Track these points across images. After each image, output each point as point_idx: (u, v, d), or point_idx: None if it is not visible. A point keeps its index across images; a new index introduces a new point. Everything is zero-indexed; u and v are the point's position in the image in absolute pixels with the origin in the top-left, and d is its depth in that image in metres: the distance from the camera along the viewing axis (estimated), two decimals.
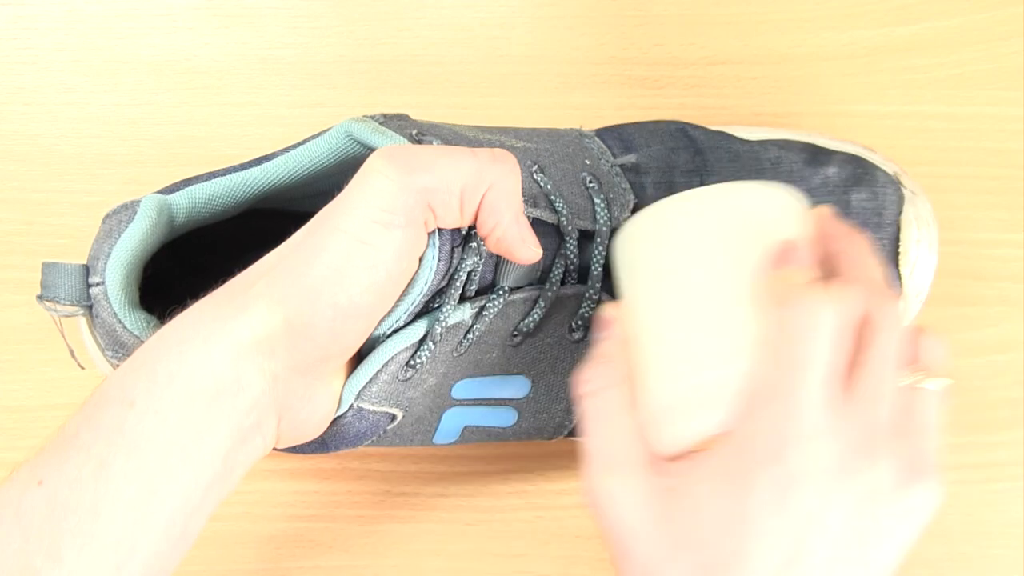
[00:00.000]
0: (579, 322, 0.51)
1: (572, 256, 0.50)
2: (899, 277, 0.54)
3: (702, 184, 0.54)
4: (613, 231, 0.51)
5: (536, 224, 0.48)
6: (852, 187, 0.54)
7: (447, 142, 0.49)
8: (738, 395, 0.41)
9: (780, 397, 0.39)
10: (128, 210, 0.48)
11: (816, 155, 0.55)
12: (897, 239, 0.54)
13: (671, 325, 0.43)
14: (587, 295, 0.50)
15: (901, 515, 0.41)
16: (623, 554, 0.42)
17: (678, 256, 0.43)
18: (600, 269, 0.50)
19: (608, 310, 0.46)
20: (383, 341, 0.46)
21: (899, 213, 0.54)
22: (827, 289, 0.40)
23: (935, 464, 0.42)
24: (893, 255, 0.54)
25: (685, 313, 0.43)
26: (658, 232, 0.44)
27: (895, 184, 0.55)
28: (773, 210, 0.44)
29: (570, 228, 0.49)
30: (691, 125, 0.56)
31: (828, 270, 0.44)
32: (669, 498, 0.41)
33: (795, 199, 0.45)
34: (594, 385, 0.44)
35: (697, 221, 0.43)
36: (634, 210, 0.52)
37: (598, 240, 0.50)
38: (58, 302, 0.47)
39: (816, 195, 0.54)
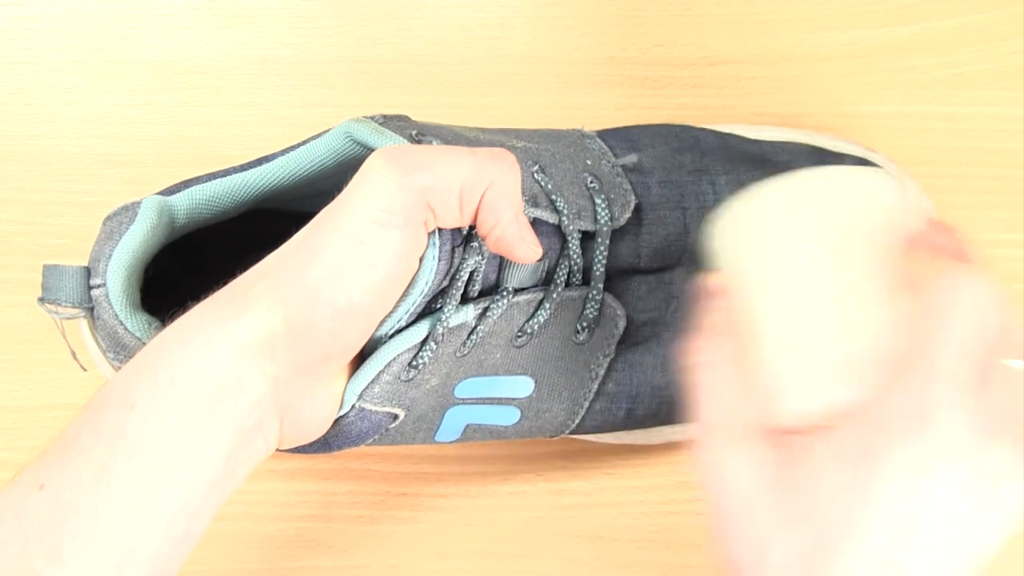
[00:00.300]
0: (584, 324, 0.51)
1: (575, 257, 0.50)
2: None
3: (712, 183, 0.54)
4: (619, 232, 0.51)
5: (537, 224, 0.48)
6: None
7: (446, 142, 0.49)
8: (877, 370, 0.40)
9: (922, 373, 0.38)
10: (129, 212, 0.48)
11: (824, 157, 0.55)
12: None
13: (797, 299, 0.43)
14: (591, 295, 0.50)
15: (1017, 499, 0.41)
16: (734, 528, 0.40)
17: (798, 232, 0.43)
18: (602, 269, 0.50)
19: (718, 280, 0.44)
20: (385, 342, 0.46)
21: None
22: (970, 269, 0.40)
23: None
24: None
25: (812, 288, 0.42)
26: (773, 209, 0.44)
27: None
28: (885, 193, 0.44)
29: (571, 228, 0.49)
30: (696, 127, 0.56)
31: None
32: (789, 470, 0.40)
33: (894, 182, 0.45)
34: (710, 355, 0.43)
35: (817, 199, 0.43)
36: (635, 210, 0.52)
37: (599, 240, 0.50)
38: (59, 304, 0.47)
39: None
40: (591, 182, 0.51)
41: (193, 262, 0.52)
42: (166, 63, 0.64)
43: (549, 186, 0.49)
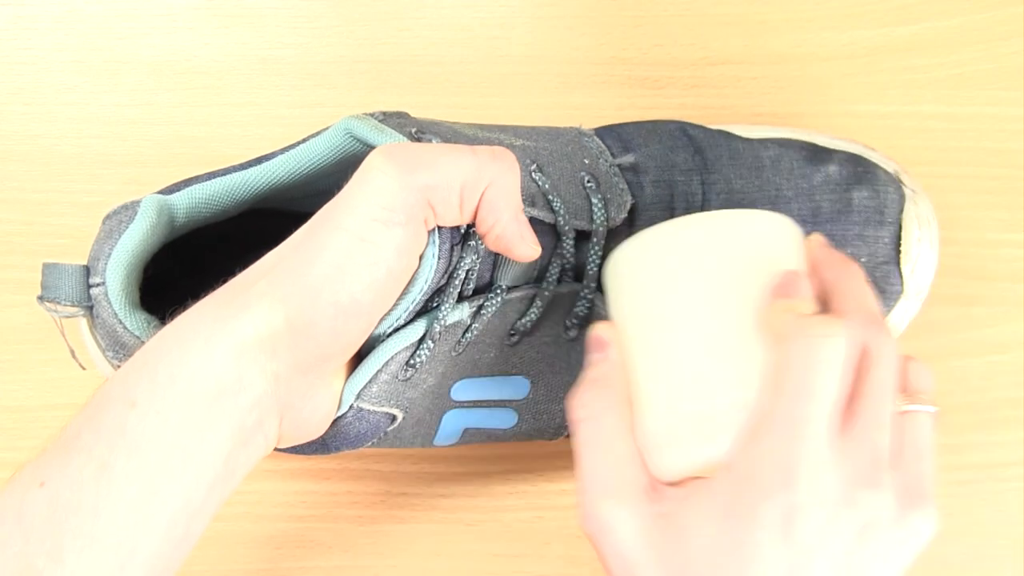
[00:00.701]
0: (574, 320, 0.51)
1: (568, 255, 0.50)
2: (900, 276, 0.54)
3: (702, 183, 0.54)
4: (610, 231, 0.51)
5: (533, 223, 0.48)
6: (854, 185, 0.54)
7: (446, 140, 0.49)
8: (741, 425, 0.40)
9: (785, 428, 0.39)
10: (128, 210, 0.48)
11: (816, 153, 0.55)
12: (898, 237, 0.54)
13: (671, 350, 0.43)
14: (582, 293, 0.50)
15: (900, 542, 0.41)
16: None
17: (677, 282, 0.43)
18: (596, 268, 0.50)
19: (601, 330, 0.45)
20: (383, 340, 0.46)
21: (900, 211, 0.54)
22: (831, 321, 0.40)
23: (932, 490, 0.42)
24: (895, 253, 0.54)
25: (685, 339, 0.42)
26: (656, 256, 0.44)
27: (896, 183, 0.55)
28: (771, 238, 0.44)
29: (567, 228, 0.49)
30: (690, 124, 0.56)
31: (823, 300, 0.44)
32: (667, 525, 0.40)
33: (792, 227, 0.45)
34: (590, 410, 0.43)
35: (696, 247, 0.43)
36: (631, 210, 0.52)
37: (594, 240, 0.50)
38: (59, 303, 0.47)
39: (818, 192, 0.54)
40: (588, 181, 0.51)
41: (193, 262, 0.52)
42: (166, 63, 0.64)
43: (547, 186, 0.49)
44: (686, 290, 0.43)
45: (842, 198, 0.54)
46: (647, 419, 0.43)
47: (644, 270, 0.44)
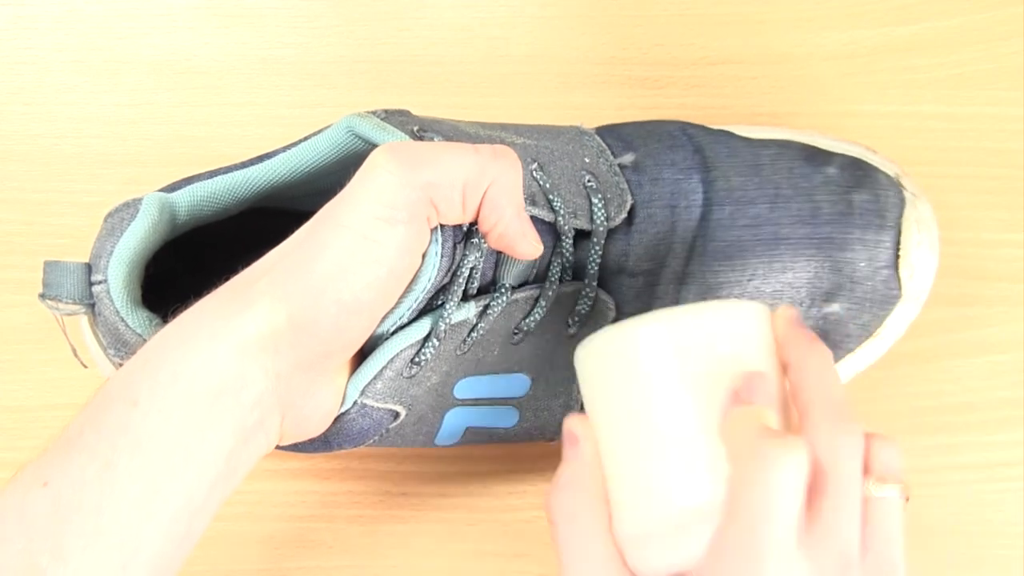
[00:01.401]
0: (575, 318, 0.51)
1: (568, 255, 0.50)
2: (898, 280, 0.54)
3: (702, 181, 0.54)
4: (610, 231, 0.52)
5: (534, 222, 0.48)
6: (854, 188, 0.54)
7: (448, 138, 0.49)
8: (703, 530, 0.40)
9: (747, 547, 0.39)
10: (130, 208, 0.48)
11: (816, 154, 0.55)
12: (898, 242, 0.54)
13: (639, 451, 0.42)
14: (584, 291, 0.50)
15: None
16: None
17: (643, 381, 0.42)
18: (596, 267, 0.51)
19: (574, 425, 0.44)
20: (387, 338, 0.46)
21: (900, 215, 0.54)
22: (787, 442, 0.39)
23: (904, 572, 0.42)
24: (894, 258, 0.54)
25: (653, 440, 0.42)
26: (623, 353, 0.43)
27: (896, 186, 0.55)
28: (740, 331, 0.43)
29: (566, 228, 0.49)
30: (690, 124, 0.56)
31: (791, 382, 0.43)
32: None
33: (762, 313, 0.44)
34: (565, 511, 0.43)
35: (663, 345, 0.42)
36: (631, 211, 0.52)
37: (594, 240, 0.51)
38: (60, 301, 0.47)
39: (818, 192, 0.54)
40: (588, 181, 0.51)
41: (194, 260, 0.52)
42: (166, 63, 0.64)
43: (547, 185, 0.49)
44: (653, 390, 0.42)
45: (842, 199, 0.54)
46: (622, 519, 0.42)
47: (612, 366, 0.43)
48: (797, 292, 0.54)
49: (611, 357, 0.43)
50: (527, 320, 0.50)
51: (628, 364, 0.43)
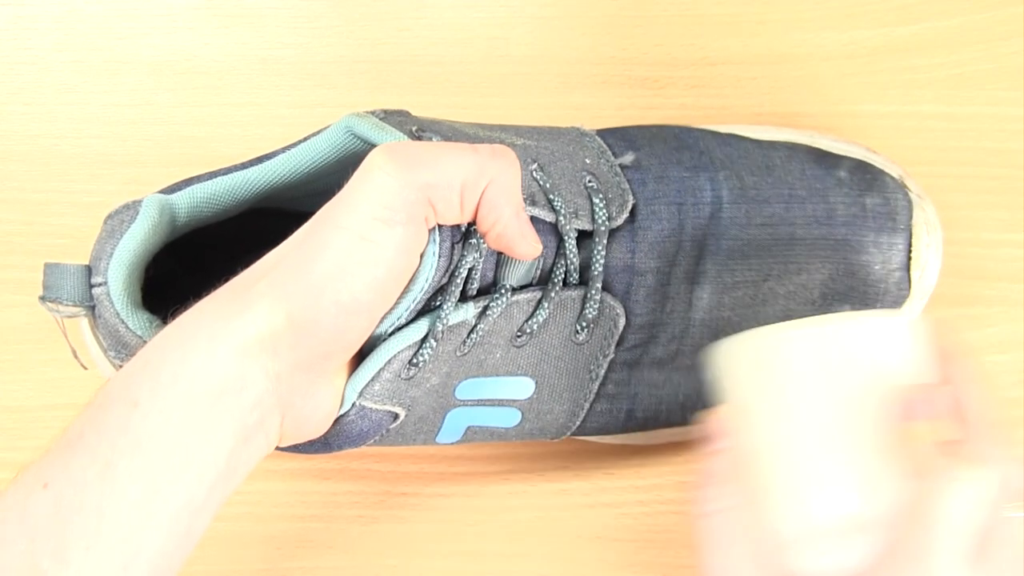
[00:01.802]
0: (583, 323, 0.51)
1: (572, 256, 0.50)
2: (909, 281, 0.55)
3: (710, 179, 0.54)
4: (614, 231, 0.51)
5: (534, 223, 0.48)
6: (866, 191, 0.55)
7: (447, 138, 0.49)
8: (874, 540, 0.41)
9: (924, 563, 0.40)
10: (130, 210, 0.48)
11: (824, 157, 0.56)
12: (909, 244, 0.55)
13: (802, 455, 0.43)
14: (590, 295, 0.50)
15: None
16: None
17: (807, 387, 0.43)
18: (600, 269, 0.50)
19: (724, 418, 0.45)
20: (385, 339, 0.46)
21: (911, 217, 0.55)
22: (978, 464, 0.40)
23: None
24: (906, 260, 0.55)
25: (817, 447, 0.43)
26: (784, 356, 0.44)
27: (903, 189, 0.55)
28: (900, 342, 0.44)
29: (568, 228, 0.49)
30: (694, 127, 0.56)
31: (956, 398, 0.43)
32: None
33: (917, 326, 0.45)
34: (715, 505, 0.44)
35: (825, 353, 0.43)
36: (632, 210, 0.52)
37: (596, 240, 0.50)
38: (60, 303, 0.47)
39: (831, 194, 0.54)
40: (589, 181, 0.51)
41: (194, 261, 0.52)
42: (166, 63, 0.64)
43: (547, 185, 0.49)
44: (817, 397, 0.43)
45: (856, 202, 0.54)
46: (777, 519, 0.43)
47: (771, 368, 0.44)
48: (810, 293, 0.54)
49: (772, 355, 0.44)
50: (530, 322, 0.50)
51: (791, 365, 0.44)
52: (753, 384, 0.45)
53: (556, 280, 0.50)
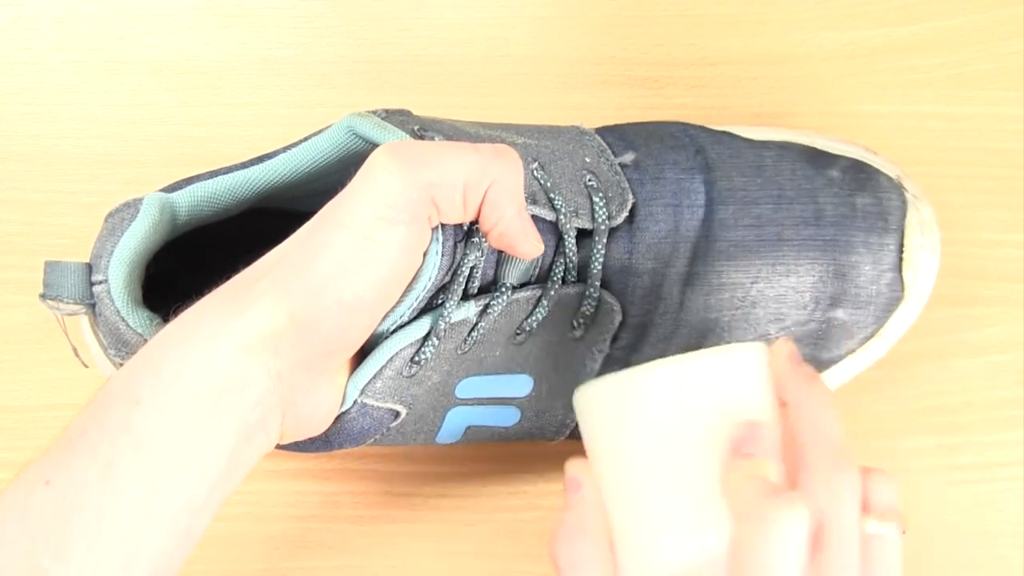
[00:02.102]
0: (580, 320, 0.51)
1: (571, 254, 0.50)
2: (902, 282, 0.54)
3: (704, 181, 0.54)
4: (613, 230, 0.52)
5: (535, 221, 0.48)
6: (856, 191, 0.54)
7: (449, 138, 0.49)
8: None
9: None
10: (131, 208, 0.48)
11: (818, 156, 0.55)
12: (901, 245, 0.54)
13: (644, 498, 0.43)
14: (588, 292, 0.50)
15: None
16: None
17: (649, 430, 0.43)
18: (599, 267, 0.50)
19: (575, 470, 0.45)
20: (387, 337, 0.46)
21: (903, 218, 0.54)
22: (788, 501, 0.40)
23: None
24: (897, 261, 0.54)
25: (659, 488, 0.42)
26: (629, 401, 0.43)
27: (898, 189, 0.55)
28: (741, 374, 0.44)
29: (568, 227, 0.49)
30: (692, 125, 0.56)
31: (789, 420, 0.43)
32: None
33: (763, 355, 0.45)
34: (571, 559, 0.43)
35: (668, 394, 0.43)
36: (632, 210, 0.52)
37: (596, 239, 0.51)
38: (61, 301, 0.47)
39: (821, 195, 0.54)
40: (589, 180, 0.51)
41: (194, 261, 0.52)
42: (166, 63, 0.64)
43: (548, 183, 0.49)
44: (658, 439, 0.43)
45: (845, 202, 0.54)
46: (626, 568, 0.43)
47: (615, 412, 0.44)
48: (801, 296, 0.54)
49: (615, 403, 0.44)
50: (529, 320, 0.50)
51: (632, 411, 0.43)
52: (599, 431, 0.44)
53: (555, 278, 0.50)
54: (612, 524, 0.43)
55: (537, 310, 0.50)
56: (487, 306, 0.48)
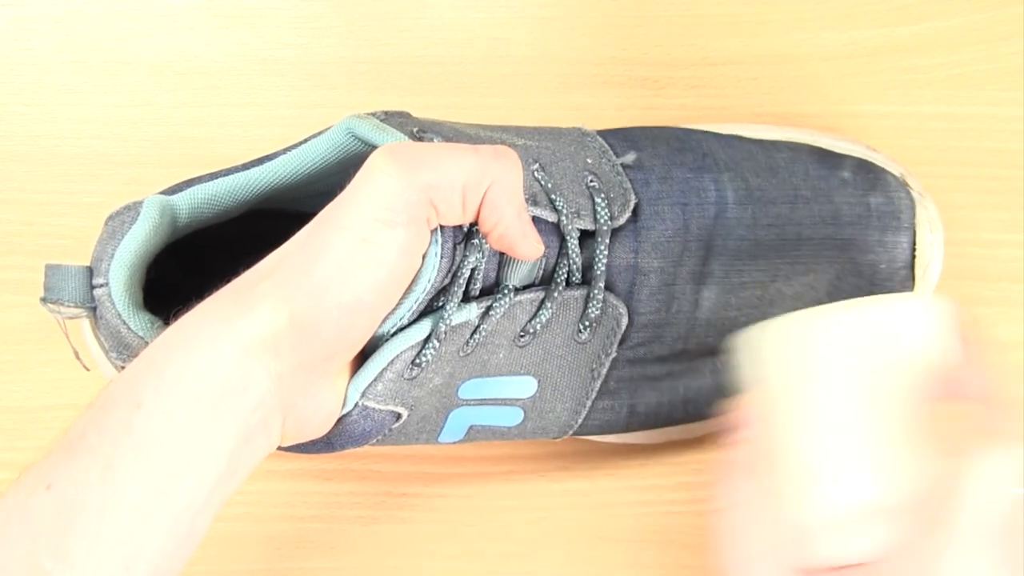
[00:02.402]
0: (586, 323, 0.51)
1: (574, 256, 0.50)
2: (913, 279, 0.55)
3: (714, 180, 0.54)
4: (616, 231, 0.52)
5: (536, 223, 0.48)
6: (869, 191, 0.55)
7: (448, 139, 0.49)
8: (898, 521, 0.41)
9: (952, 541, 0.39)
10: (131, 211, 0.48)
11: (827, 157, 0.56)
12: (913, 242, 0.55)
13: (828, 442, 0.43)
14: (593, 294, 0.50)
15: None
16: None
17: (833, 374, 0.43)
18: (603, 268, 0.51)
19: (743, 408, 0.45)
20: (388, 339, 0.46)
21: (914, 216, 0.55)
22: (1010, 443, 0.40)
23: None
24: (910, 258, 0.55)
25: (843, 433, 0.43)
26: (807, 340, 0.44)
27: (905, 187, 0.55)
28: (926, 325, 0.44)
29: (570, 228, 0.49)
30: (696, 129, 0.56)
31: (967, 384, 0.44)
32: None
33: (945, 309, 0.45)
34: (737, 496, 0.44)
35: (851, 334, 0.43)
36: (634, 210, 0.52)
37: (599, 239, 0.51)
38: (62, 304, 0.47)
39: (836, 195, 0.54)
40: (591, 181, 0.51)
41: (195, 263, 0.52)
42: (166, 63, 0.64)
43: (549, 185, 0.49)
44: (842, 381, 0.43)
45: (860, 202, 0.55)
46: (800, 506, 0.43)
47: (796, 354, 0.44)
48: (817, 293, 0.54)
49: (799, 343, 0.44)
50: (533, 322, 0.50)
51: (819, 352, 0.44)
52: (778, 371, 0.45)
53: (559, 280, 0.50)
54: (785, 464, 0.43)
55: (541, 312, 0.50)
56: (489, 308, 0.48)
